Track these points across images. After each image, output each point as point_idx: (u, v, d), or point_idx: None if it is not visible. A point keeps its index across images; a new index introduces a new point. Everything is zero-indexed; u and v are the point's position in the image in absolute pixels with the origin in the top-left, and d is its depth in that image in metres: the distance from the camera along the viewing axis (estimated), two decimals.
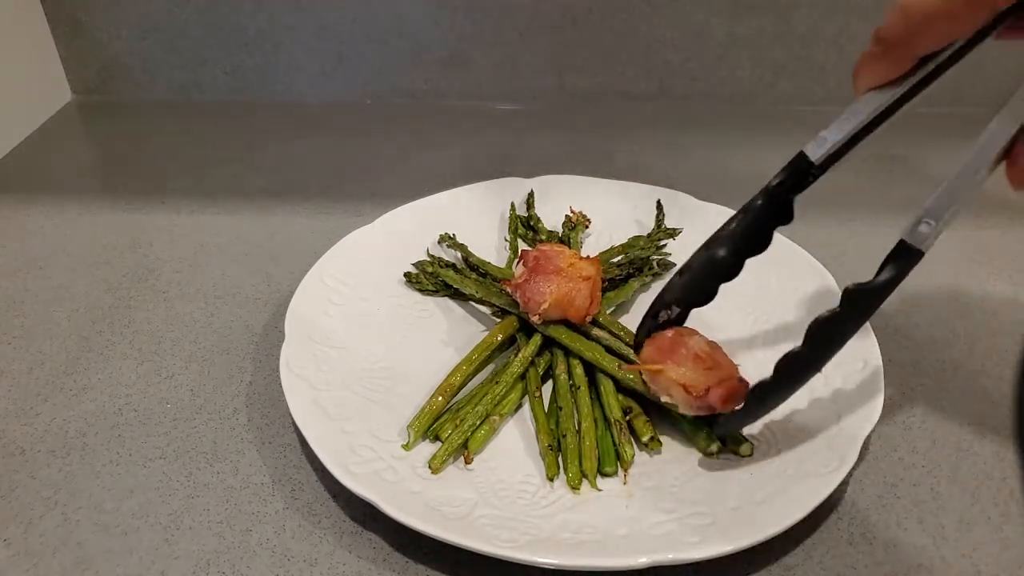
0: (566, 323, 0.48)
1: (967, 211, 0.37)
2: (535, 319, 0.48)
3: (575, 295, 0.47)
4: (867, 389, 0.44)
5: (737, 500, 0.39)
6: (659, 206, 0.60)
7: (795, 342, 0.49)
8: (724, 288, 0.55)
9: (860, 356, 0.46)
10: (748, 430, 0.43)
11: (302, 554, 0.39)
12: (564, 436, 0.43)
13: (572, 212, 0.61)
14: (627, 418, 0.44)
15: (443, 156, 0.76)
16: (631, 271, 0.55)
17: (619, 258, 0.56)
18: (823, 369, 0.47)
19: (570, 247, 0.57)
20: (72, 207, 0.68)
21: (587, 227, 0.61)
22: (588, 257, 0.50)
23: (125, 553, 0.39)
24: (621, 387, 0.46)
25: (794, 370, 0.39)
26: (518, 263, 0.50)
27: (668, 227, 0.58)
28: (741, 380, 0.42)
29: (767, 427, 0.44)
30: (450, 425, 0.43)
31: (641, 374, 0.44)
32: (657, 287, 0.56)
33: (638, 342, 0.45)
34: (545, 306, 0.47)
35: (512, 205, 0.62)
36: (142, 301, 0.56)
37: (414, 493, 0.39)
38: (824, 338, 0.38)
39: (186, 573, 0.38)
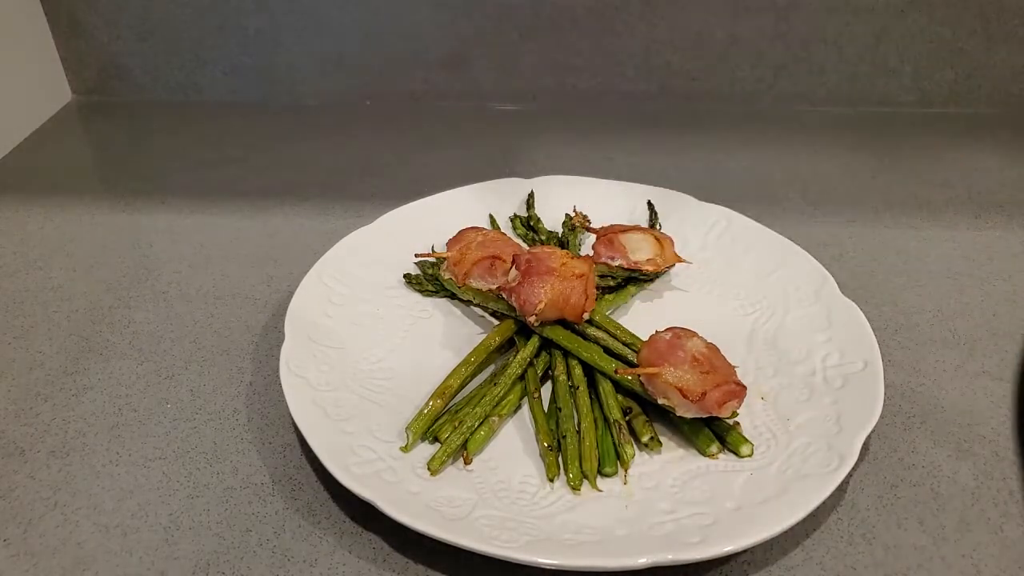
0: (564, 323, 0.48)
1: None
2: (532, 320, 0.48)
3: (570, 293, 0.47)
4: (867, 389, 0.44)
5: (737, 500, 0.39)
6: (650, 206, 0.60)
7: (795, 342, 0.49)
8: (724, 289, 0.55)
9: (860, 356, 0.46)
10: (748, 431, 0.43)
11: (302, 554, 0.39)
12: (564, 437, 0.43)
13: (574, 213, 0.61)
14: (627, 418, 0.44)
15: (443, 156, 0.76)
16: (629, 276, 0.55)
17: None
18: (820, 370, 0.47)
19: (569, 248, 0.57)
20: (72, 207, 0.68)
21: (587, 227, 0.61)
22: (580, 256, 0.50)
23: (125, 553, 0.39)
24: (620, 387, 0.46)
25: None
26: (511, 267, 0.50)
27: (661, 229, 0.59)
28: (739, 383, 0.42)
29: (767, 427, 0.44)
30: (449, 426, 0.43)
31: (639, 377, 0.44)
32: (657, 287, 0.56)
33: None
34: (541, 307, 0.47)
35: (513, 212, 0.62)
36: (142, 301, 0.56)
37: (414, 493, 0.39)
38: None
39: (186, 573, 0.38)
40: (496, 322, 0.52)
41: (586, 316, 0.48)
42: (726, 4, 0.78)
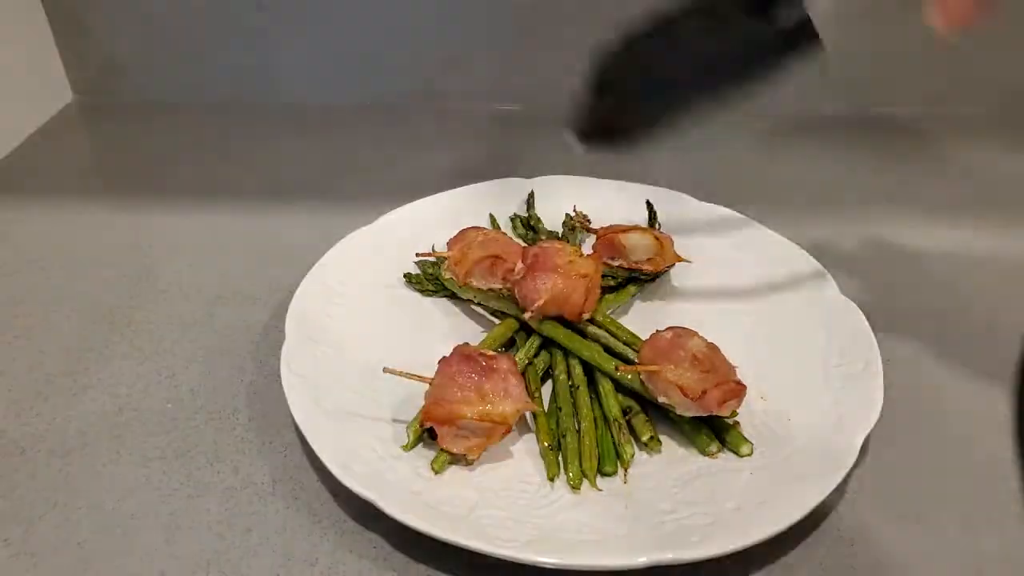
0: (563, 321, 0.48)
1: None
2: (529, 316, 0.48)
3: (571, 292, 0.47)
4: (867, 389, 0.44)
5: (737, 500, 0.39)
6: (649, 206, 0.60)
7: (795, 342, 0.49)
8: (724, 288, 0.55)
9: (860, 356, 0.46)
10: (748, 431, 0.43)
11: (302, 554, 0.39)
12: (564, 436, 0.43)
13: (575, 213, 0.61)
14: (627, 418, 0.44)
15: (443, 156, 0.76)
16: (629, 276, 0.55)
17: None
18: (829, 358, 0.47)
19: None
20: (72, 207, 0.68)
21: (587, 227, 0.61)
22: (588, 255, 0.50)
23: (125, 553, 0.39)
24: (621, 387, 0.46)
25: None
26: (519, 261, 0.50)
27: (661, 229, 0.58)
28: (738, 383, 0.42)
29: (767, 427, 0.44)
30: None
31: (639, 375, 0.44)
32: (657, 287, 0.56)
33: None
34: (540, 303, 0.47)
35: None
36: (142, 301, 0.56)
37: (414, 493, 0.39)
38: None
39: (186, 573, 0.38)
40: (496, 321, 0.52)
41: (585, 316, 0.48)
42: None
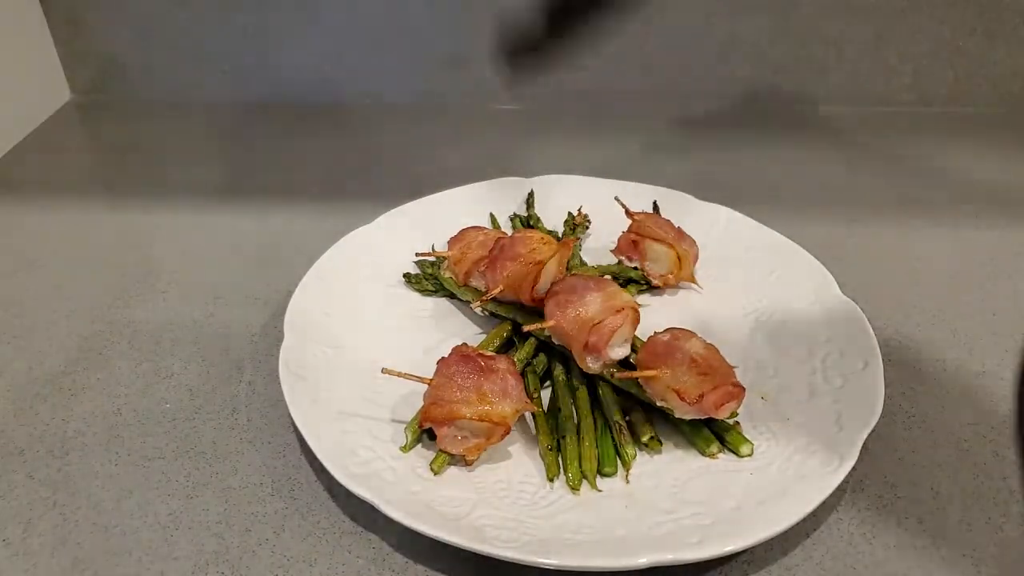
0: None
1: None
2: (476, 305, 0.50)
3: (522, 279, 0.48)
4: (867, 389, 0.44)
5: (737, 500, 0.39)
6: (655, 208, 0.60)
7: (795, 342, 0.49)
8: (724, 288, 0.55)
9: (860, 356, 0.46)
10: (748, 431, 0.43)
11: (301, 554, 0.39)
12: (564, 437, 0.43)
13: (579, 214, 0.61)
14: (626, 418, 0.44)
15: (443, 156, 0.76)
16: (623, 283, 0.55)
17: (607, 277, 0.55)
18: (821, 369, 0.47)
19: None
20: (72, 207, 0.68)
21: (587, 227, 0.61)
22: (556, 241, 0.50)
23: (124, 553, 0.39)
24: (620, 388, 0.46)
25: None
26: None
27: None
28: (737, 384, 0.42)
29: (767, 427, 0.44)
30: None
31: (637, 379, 0.44)
32: (652, 290, 0.56)
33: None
34: (495, 292, 0.48)
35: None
36: (142, 301, 0.56)
37: (414, 493, 0.39)
38: None
39: (185, 573, 0.38)
40: (496, 322, 0.52)
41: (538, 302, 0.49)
42: (726, 3, 0.78)
